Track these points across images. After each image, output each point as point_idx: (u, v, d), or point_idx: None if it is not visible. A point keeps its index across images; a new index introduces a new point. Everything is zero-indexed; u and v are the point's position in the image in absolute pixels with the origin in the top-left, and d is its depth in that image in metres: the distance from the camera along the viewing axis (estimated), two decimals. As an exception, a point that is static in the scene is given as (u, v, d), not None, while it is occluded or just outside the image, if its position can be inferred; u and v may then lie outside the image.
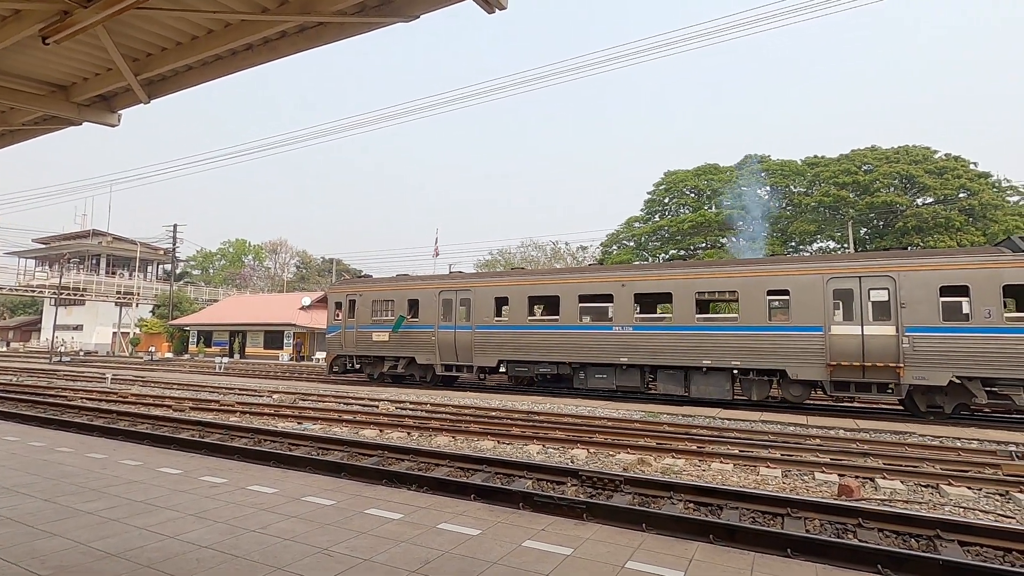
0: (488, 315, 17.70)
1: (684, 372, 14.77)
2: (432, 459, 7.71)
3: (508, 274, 20.84)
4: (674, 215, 43.59)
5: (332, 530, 4.29)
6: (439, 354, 18.36)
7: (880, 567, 4.17)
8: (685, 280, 15.07)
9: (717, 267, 15.67)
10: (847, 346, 13.06)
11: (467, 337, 17.86)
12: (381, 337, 19.62)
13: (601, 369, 15.79)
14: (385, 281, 21.53)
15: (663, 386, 15.04)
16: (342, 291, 21.46)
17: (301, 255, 75.50)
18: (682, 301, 14.97)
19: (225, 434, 9.81)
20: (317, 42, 5.18)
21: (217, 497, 5.15)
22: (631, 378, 15.38)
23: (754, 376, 14.12)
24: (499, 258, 55.59)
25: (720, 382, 14.36)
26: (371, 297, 20.23)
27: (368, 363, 20.40)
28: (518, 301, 17.33)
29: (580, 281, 16.77)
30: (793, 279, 13.85)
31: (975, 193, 33.72)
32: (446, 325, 18.36)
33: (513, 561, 3.74)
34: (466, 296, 18.20)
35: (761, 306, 14.09)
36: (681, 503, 5.92)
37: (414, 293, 19.38)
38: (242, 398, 15.45)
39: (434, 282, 19.50)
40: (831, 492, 6.65)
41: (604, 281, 16.35)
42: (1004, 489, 6.74)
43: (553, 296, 17.01)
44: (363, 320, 20.20)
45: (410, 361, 19.17)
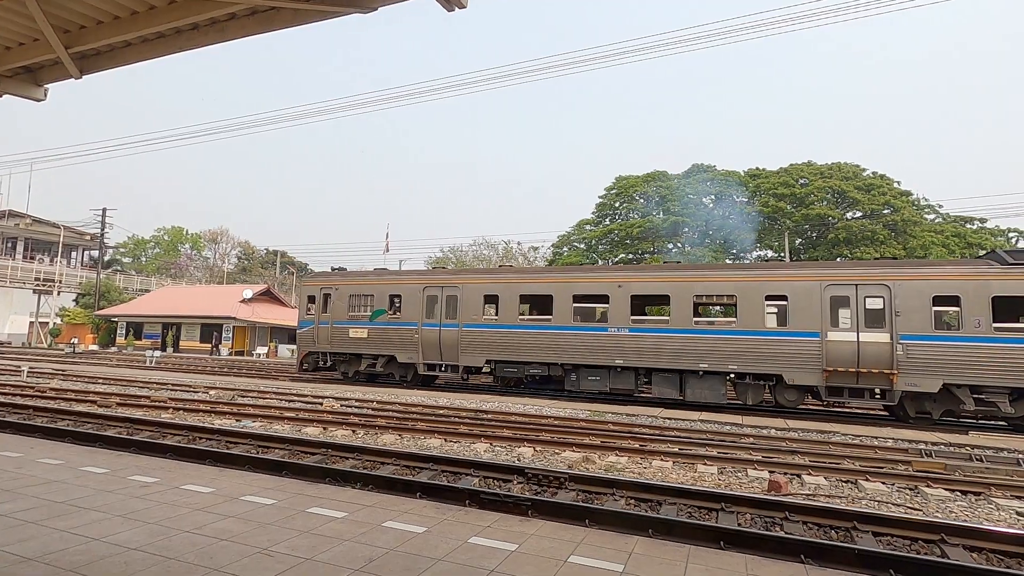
0: (476, 313, 17.04)
1: (679, 375, 14.64)
2: (378, 457, 7.61)
3: (499, 271, 20.12)
4: (624, 219, 44.68)
5: (272, 530, 4.18)
6: (422, 353, 17.56)
7: (803, 557, 4.44)
8: (683, 283, 14.94)
9: (716, 271, 15.53)
10: (843, 352, 13.20)
11: (453, 335, 17.12)
12: (359, 334, 18.61)
13: (594, 371, 15.46)
14: (364, 274, 20.40)
15: (658, 389, 14.83)
16: (316, 284, 20.21)
17: (243, 246, 72.46)
18: (680, 304, 14.81)
19: (156, 431, 9.33)
20: (269, 27, 5.02)
21: (147, 497, 4.91)
22: (625, 380, 15.15)
23: (750, 380, 14.16)
24: (451, 255, 55.28)
25: (715, 385, 14.35)
26: (348, 291, 19.14)
27: (343, 361, 19.34)
28: (509, 299, 16.76)
29: (575, 280, 16.45)
30: (791, 285, 13.92)
31: (898, 209, 36.33)
32: (431, 323, 17.55)
33: (459, 558, 3.76)
34: (453, 293, 17.46)
35: (759, 311, 14.09)
36: (623, 499, 6.10)
37: (396, 288, 18.49)
38: (175, 394, 14.70)
39: (418, 277, 18.75)
40: (762, 488, 7.02)
41: (600, 281, 16.06)
42: (914, 484, 7.32)
43: (546, 295, 16.54)
44: (339, 315, 19.09)
45: (389, 359, 18.27)
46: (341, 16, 4.58)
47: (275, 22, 5.00)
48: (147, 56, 5.67)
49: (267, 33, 5.15)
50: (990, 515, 6.25)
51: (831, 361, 13.26)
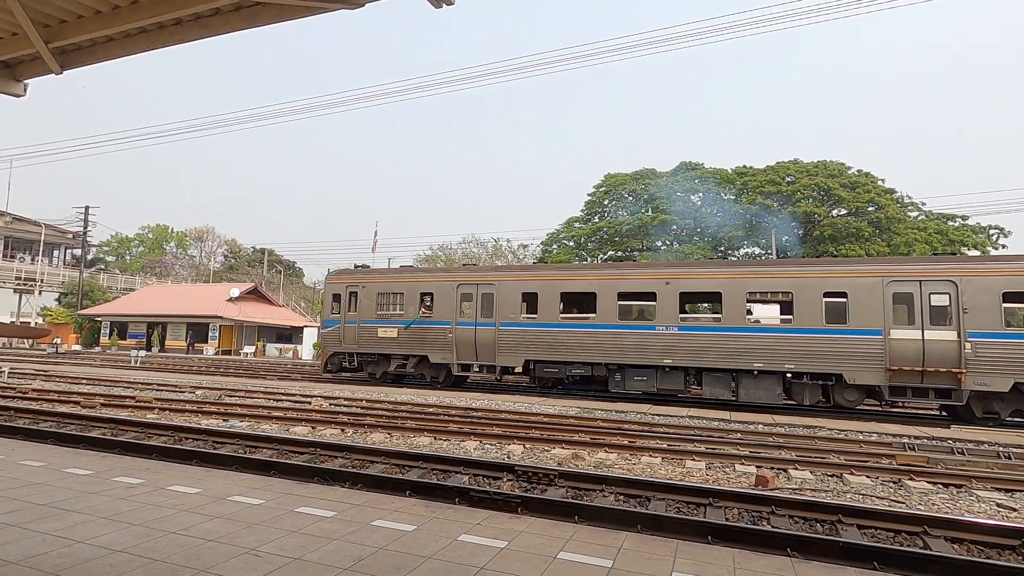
0: (514, 311, 16.45)
1: (732, 375, 14.24)
2: (367, 456, 7.58)
3: (538, 268, 19.50)
4: (613, 217, 44.84)
5: (260, 530, 4.15)
6: (457, 353, 16.92)
7: (789, 550, 4.50)
8: (735, 279, 14.52)
9: (771, 267, 15.29)
10: (907, 351, 12.85)
11: (489, 335, 16.53)
12: (388, 333, 17.88)
13: (641, 371, 14.97)
14: (393, 272, 19.95)
15: (709, 389, 14.42)
16: (342, 282, 19.38)
17: (230, 244, 71.71)
18: (732, 301, 14.40)
19: (142, 432, 9.21)
20: (253, 23, 4.95)
21: (133, 498, 4.85)
22: (674, 381, 14.70)
23: (807, 380, 13.75)
24: (439, 253, 55.13)
25: (771, 386, 13.92)
26: (376, 289, 18.49)
27: (371, 361, 18.62)
28: (549, 297, 16.16)
29: (620, 278, 15.90)
30: (851, 281, 13.53)
31: (882, 207, 36.82)
32: (465, 321, 16.96)
33: (448, 555, 3.76)
34: (488, 290, 16.90)
35: (817, 308, 13.68)
36: (612, 495, 6.14)
37: (428, 286, 17.85)
38: (161, 394, 14.53)
39: (452, 274, 18.29)
40: (749, 482, 7.09)
41: (647, 279, 15.57)
42: (897, 477, 7.43)
43: (589, 293, 15.94)
44: (367, 314, 18.37)
45: (420, 360, 17.66)
46: (327, 12, 4.54)
47: (260, 17, 4.94)
48: (129, 52, 5.59)
49: (252, 29, 5.10)
50: (971, 507, 6.37)
51: (895, 360, 12.89)
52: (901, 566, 4.29)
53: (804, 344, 13.65)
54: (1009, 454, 9.04)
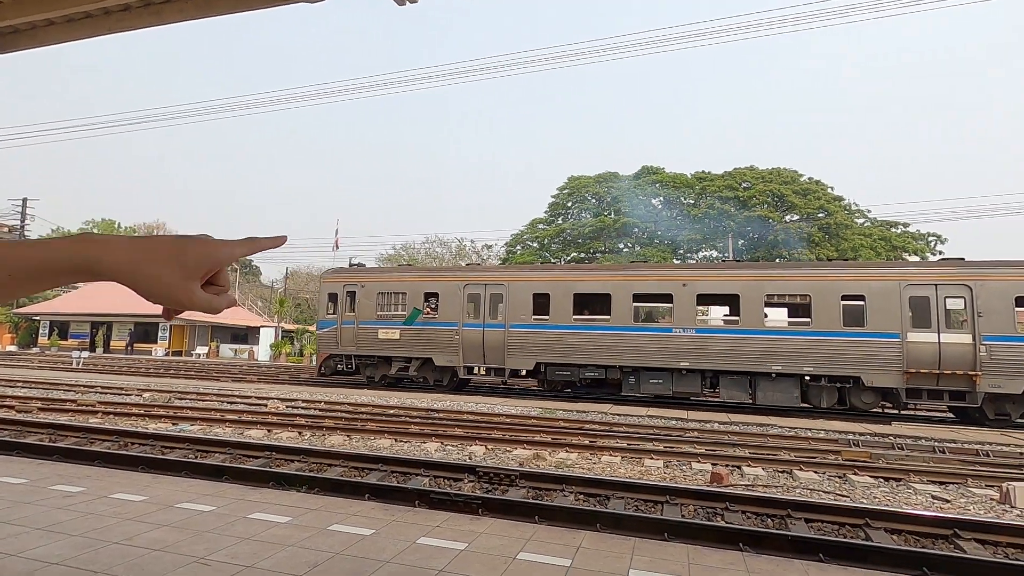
0: (525, 313, 16.05)
1: (749, 378, 14.26)
2: (325, 459, 7.42)
3: (550, 268, 18.92)
4: (576, 219, 45.34)
5: (211, 537, 4.00)
6: (463, 355, 16.45)
7: (742, 545, 4.65)
8: (754, 282, 14.51)
9: (789, 270, 15.23)
10: (924, 353, 13.04)
11: (499, 337, 16.11)
12: (389, 335, 17.23)
13: (656, 374, 14.80)
14: (394, 271, 19.12)
15: (726, 392, 14.39)
16: (339, 280, 18.55)
17: (182, 240, 68.86)
18: (750, 304, 14.36)
19: (83, 437, 8.75)
20: (208, 12, 4.79)
21: (72, 508, 4.60)
22: (690, 384, 14.60)
23: (825, 383, 13.86)
24: (403, 253, 54.53)
25: (789, 388, 13.95)
26: (376, 288, 17.80)
27: (370, 364, 17.91)
28: (561, 298, 15.82)
29: (635, 279, 15.76)
30: (868, 284, 13.68)
31: (831, 213, 38.50)
32: (472, 323, 16.49)
33: (407, 559, 3.72)
34: (497, 291, 16.47)
35: (834, 311, 13.75)
36: (572, 495, 6.19)
37: (433, 285, 17.29)
38: (105, 397, 13.84)
39: (458, 274, 17.79)
40: (705, 480, 7.28)
41: (663, 280, 15.51)
42: (842, 472, 7.78)
43: (603, 294, 15.72)
44: (366, 315, 17.65)
45: (424, 362, 17.10)
46: (287, 4, 4.42)
47: (216, 7, 4.77)
48: (72, 37, 5.31)
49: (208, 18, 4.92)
50: (909, 499, 6.72)
51: (912, 362, 13.06)
52: (845, 557, 4.48)
53: (822, 347, 13.70)
54: (944, 448, 9.60)
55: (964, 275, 13.25)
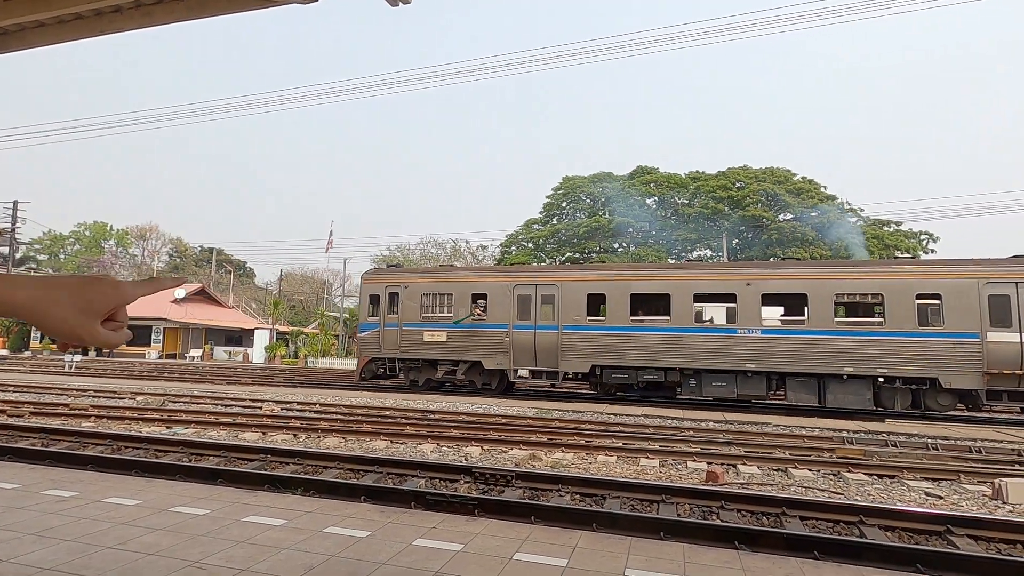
0: (579, 314, 15.66)
1: (818, 380, 13.86)
2: (320, 461, 7.39)
3: (604, 267, 18.59)
4: (571, 219, 45.41)
5: (205, 541, 3.98)
6: (513, 358, 16.01)
7: (737, 543, 4.66)
8: (822, 281, 14.11)
9: (860, 268, 14.93)
10: (1005, 354, 12.73)
11: (551, 339, 15.70)
12: (436, 337, 16.74)
13: (720, 376, 14.45)
14: (439, 271, 18.67)
15: (794, 395, 14.03)
16: (380, 282, 18.04)
17: (175, 242, 68.71)
18: (819, 303, 13.99)
19: (76, 441, 8.68)
20: (200, 13, 4.77)
21: (65, 513, 4.57)
22: (756, 386, 14.26)
23: (899, 384, 13.50)
24: (398, 254, 54.46)
25: (860, 391, 13.58)
26: (420, 290, 17.28)
27: (414, 368, 17.47)
28: (618, 298, 15.43)
29: (696, 278, 15.42)
30: (945, 283, 13.32)
31: (824, 212, 38.72)
32: (523, 324, 16.04)
33: (402, 560, 3.71)
34: (549, 291, 16.05)
35: (910, 310, 13.42)
36: (568, 495, 6.20)
37: (481, 286, 16.84)
38: (99, 401, 13.75)
39: (508, 274, 17.39)
40: (700, 478, 7.31)
41: (726, 279, 15.14)
42: (837, 470, 7.82)
43: (662, 294, 15.34)
44: (410, 317, 17.13)
45: (472, 366, 16.69)
46: (278, 5, 4.41)
47: (207, 8, 4.76)
48: (64, 38, 5.28)
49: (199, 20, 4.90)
50: (902, 496, 6.76)
51: (992, 363, 12.75)
52: (839, 554, 4.50)
53: (897, 347, 13.35)
54: (937, 446, 9.67)
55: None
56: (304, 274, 60.39)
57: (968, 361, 12.95)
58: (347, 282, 52.63)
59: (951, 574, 4.09)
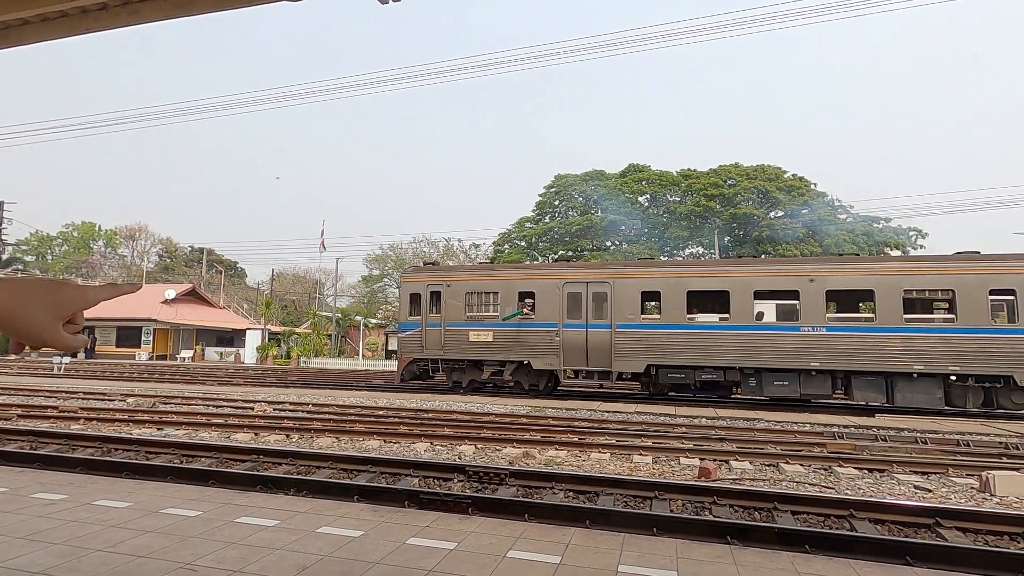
0: (632, 312, 15.29)
1: (886, 378, 13.61)
2: (313, 461, 7.37)
3: (659, 264, 18.40)
4: (563, 217, 45.45)
5: (197, 543, 3.96)
6: (563, 357, 15.65)
7: (729, 538, 4.69)
8: (889, 276, 13.79)
9: (930, 263, 14.58)
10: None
11: (604, 338, 15.32)
12: (482, 337, 16.30)
13: (782, 375, 14.12)
14: (483, 268, 18.17)
15: (860, 394, 13.74)
16: (421, 280, 17.53)
17: (165, 243, 68.14)
18: (886, 299, 13.66)
19: (65, 444, 8.60)
20: (188, 10, 4.72)
21: (54, 516, 4.52)
22: (820, 385, 13.96)
23: (971, 383, 13.20)
24: (390, 253, 54.32)
25: (930, 389, 13.29)
26: (464, 288, 16.84)
27: (458, 369, 17.03)
28: (673, 296, 15.06)
29: (756, 275, 14.96)
30: (1020, 277, 13.04)
31: (815, 210, 38.98)
32: (574, 323, 15.67)
33: (396, 559, 3.71)
34: (601, 289, 15.65)
35: (982, 306, 13.12)
36: (562, 492, 6.21)
37: (528, 284, 16.43)
38: (88, 403, 13.62)
39: (557, 271, 16.93)
40: (693, 474, 7.35)
41: (788, 275, 14.70)
42: (828, 464, 7.88)
43: (720, 291, 15.01)
44: (453, 316, 16.69)
45: (518, 366, 16.24)
46: (267, 3, 4.38)
47: (195, 6, 4.71)
48: (48, 36, 5.21)
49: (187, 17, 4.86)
50: (892, 489, 6.83)
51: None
52: (830, 548, 4.54)
53: (969, 344, 13.07)
54: (926, 439, 9.77)
55: None
56: (296, 274, 60.11)
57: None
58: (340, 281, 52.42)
59: (940, 566, 4.13)
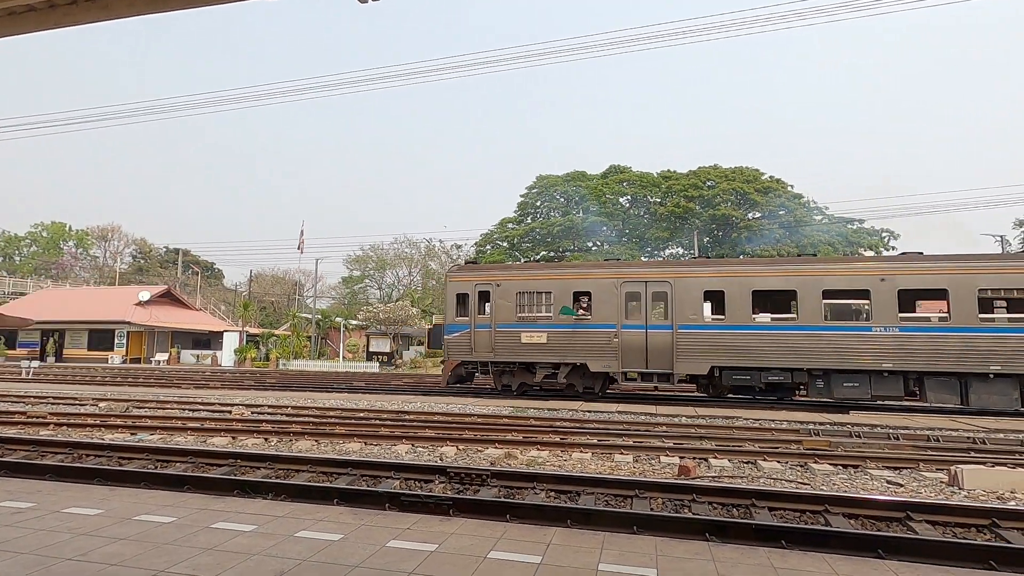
0: (695, 312, 14.97)
1: (961, 379, 13.42)
2: (292, 465, 7.27)
3: (723, 263, 17.99)
4: (545, 218, 45.58)
5: (171, 549, 3.88)
6: (622, 360, 15.22)
7: (708, 535, 4.75)
8: (964, 275, 13.55)
9: (1005, 261, 14.31)
10: None
11: (665, 339, 14.94)
12: (535, 339, 15.81)
13: (851, 376, 13.91)
14: (535, 267, 17.51)
15: (933, 395, 13.54)
16: (469, 279, 16.88)
17: (138, 243, 66.62)
18: (961, 299, 13.44)
19: (33, 451, 8.35)
20: (161, 7, 4.64)
21: (22, 524, 4.39)
22: (892, 386, 13.73)
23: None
24: (371, 254, 53.88)
25: (1006, 390, 13.11)
26: (515, 288, 16.27)
27: (508, 372, 16.49)
28: (738, 295, 14.73)
29: (824, 274, 14.65)
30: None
31: (792, 211, 39.71)
32: (633, 324, 15.28)
33: (376, 563, 3.68)
34: (661, 289, 15.28)
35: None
36: (543, 492, 6.23)
37: (584, 283, 15.97)
38: (58, 408, 13.25)
39: (614, 270, 16.32)
40: (673, 473, 7.42)
41: (858, 275, 14.43)
42: (804, 461, 8.03)
43: (788, 291, 14.76)
44: (504, 317, 16.15)
45: (573, 368, 15.81)
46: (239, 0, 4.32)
47: (168, 1, 4.63)
48: (15, 31, 5.08)
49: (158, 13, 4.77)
50: (865, 484, 6.99)
51: None
52: (806, 543, 4.63)
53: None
54: (898, 435, 10.02)
55: None
56: (275, 275, 59.26)
57: None
58: (320, 282, 51.82)
59: (910, 558, 4.24)
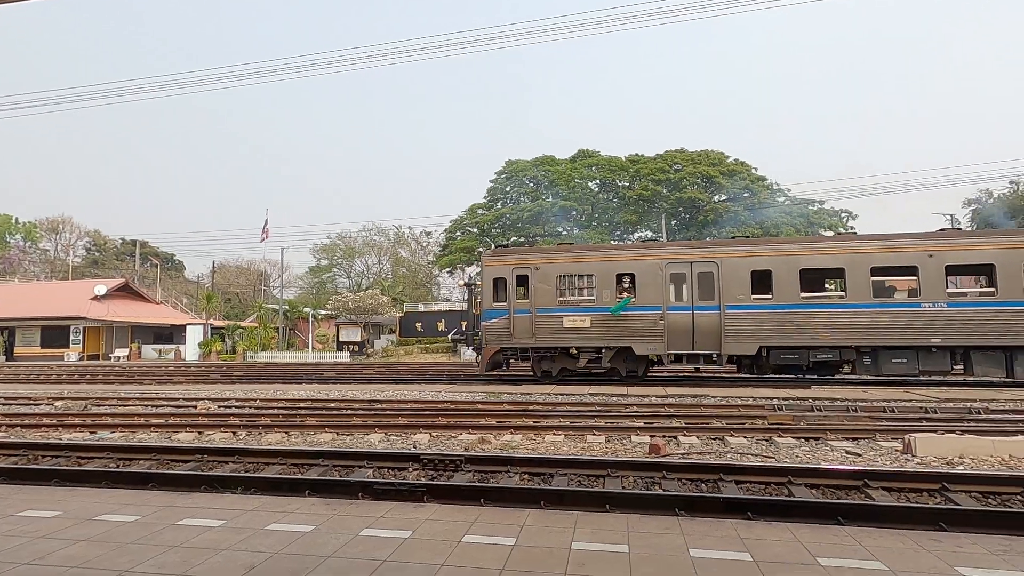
0: (743, 292, 14.82)
1: (1006, 352, 13.63)
2: (262, 458, 7.14)
3: (770, 242, 17.71)
4: (515, 203, 45.47)
5: (136, 549, 3.77)
6: (668, 341, 15.08)
7: (677, 510, 4.88)
8: (1011, 251, 13.71)
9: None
10: None
11: (712, 320, 14.85)
12: (578, 323, 15.54)
13: (900, 352, 14.04)
14: (575, 250, 17.12)
15: (980, 369, 13.71)
16: (506, 264, 16.37)
17: (92, 235, 63.87)
18: (1008, 273, 13.58)
19: (-16, 454, 7.98)
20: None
21: (-28, 530, 4.20)
22: (939, 361, 13.90)
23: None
24: (339, 242, 52.94)
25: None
26: (555, 271, 15.93)
27: (547, 357, 16.23)
28: (786, 275, 14.64)
29: (872, 251, 14.61)
30: None
31: (755, 193, 40.57)
32: (679, 305, 15.15)
33: (349, 552, 3.65)
34: (707, 269, 15.13)
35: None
36: (517, 475, 6.28)
37: (627, 265, 15.70)
38: (9, 408, 12.70)
39: (658, 251, 16.27)
40: (644, 451, 7.58)
41: (905, 251, 14.43)
42: (768, 435, 8.31)
43: (835, 268, 14.77)
44: (544, 302, 15.85)
45: (617, 352, 15.58)
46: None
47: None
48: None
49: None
50: (826, 455, 7.28)
51: None
52: (770, 514, 4.80)
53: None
54: (856, 408, 10.44)
55: None
56: (239, 265, 57.69)
57: None
58: (286, 271, 50.71)
59: (868, 523, 4.43)
